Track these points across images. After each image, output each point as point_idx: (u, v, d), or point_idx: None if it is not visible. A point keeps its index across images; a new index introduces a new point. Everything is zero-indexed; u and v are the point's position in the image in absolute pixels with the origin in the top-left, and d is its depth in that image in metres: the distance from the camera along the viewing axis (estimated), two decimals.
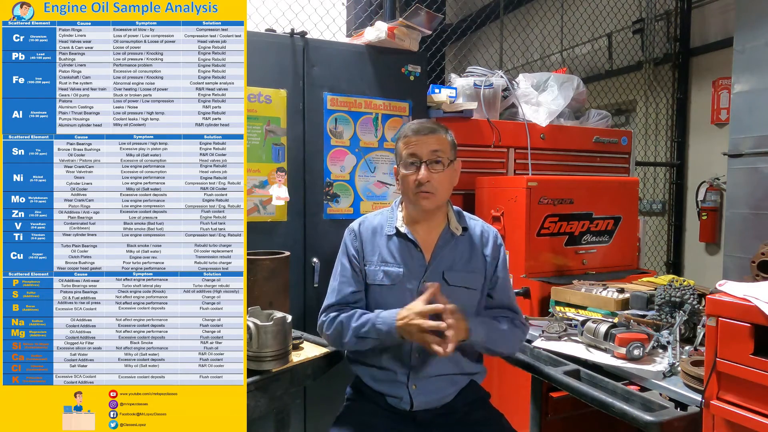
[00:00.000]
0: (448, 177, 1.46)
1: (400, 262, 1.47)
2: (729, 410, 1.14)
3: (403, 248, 1.48)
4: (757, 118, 2.95)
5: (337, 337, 1.46)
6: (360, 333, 1.41)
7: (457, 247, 1.50)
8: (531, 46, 5.04)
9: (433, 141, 1.44)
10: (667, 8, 4.60)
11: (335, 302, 1.49)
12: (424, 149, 1.43)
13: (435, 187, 1.42)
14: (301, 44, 2.30)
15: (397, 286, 1.45)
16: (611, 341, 1.52)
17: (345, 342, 1.45)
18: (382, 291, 1.47)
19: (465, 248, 1.51)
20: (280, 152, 2.27)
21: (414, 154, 1.43)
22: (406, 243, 1.48)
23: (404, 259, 1.47)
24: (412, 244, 1.48)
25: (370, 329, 1.39)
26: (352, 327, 1.42)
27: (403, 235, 1.48)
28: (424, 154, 1.42)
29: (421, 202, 1.43)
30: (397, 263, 1.47)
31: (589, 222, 2.55)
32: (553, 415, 1.86)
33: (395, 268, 1.47)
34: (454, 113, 2.71)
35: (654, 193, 4.78)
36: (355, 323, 1.42)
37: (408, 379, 1.44)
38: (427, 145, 1.43)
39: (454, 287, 1.46)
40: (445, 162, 1.44)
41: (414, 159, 1.43)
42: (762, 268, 1.77)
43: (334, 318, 1.46)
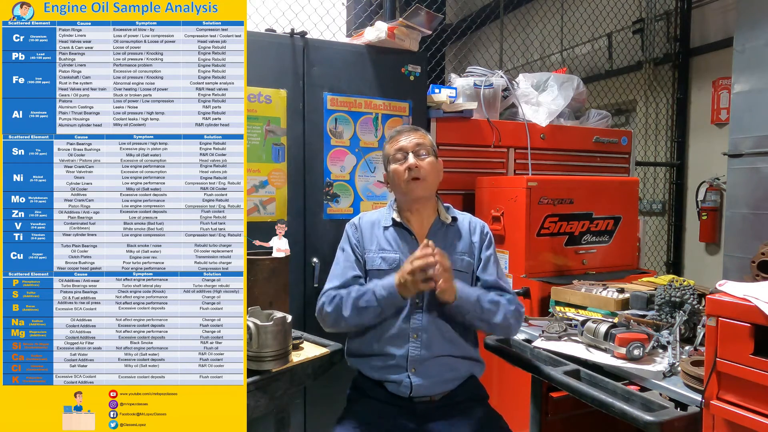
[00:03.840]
0: (434, 167, 1.58)
1: (396, 249, 1.57)
2: (729, 410, 1.14)
3: (398, 236, 1.59)
4: (757, 118, 2.95)
5: (337, 313, 1.50)
6: (360, 303, 1.47)
7: (448, 235, 1.61)
8: (531, 46, 5.04)
9: (416, 136, 1.59)
10: (667, 8, 4.60)
11: (338, 285, 1.55)
12: (409, 143, 1.57)
13: (424, 174, 1.54)
14: (301, 44, 2.30)
15: (394, 269, 1.51)
16: (611, 341, 1.52)
17: (345, 316, 1.49)
18: (380, 275, 1.53)
19: (455, 235, 1.61)
20: (280, 152, 2.27)
21: (401, 149, 1.57)
22: (402, 231, 1.59)
23: (400, 245, 1.58)
24: (407, 232, 1.59)
25: (371, 297, 1.46)
26: (353, 298, 1.48)
27: (398, 224, 1.59)
28: (410, 147, 1.57)
29: (413, 187, 1.54)
30: (394, 250, 1.57)
31: (589, 222, 2.55)
32: (553, 415, 1.86)
33: (392, 254, 1.56)
34: (454, 113, 2.71)
35: (654, 193, 4.78)
36: (354, 294, 1.49)
37: (407, 362, 1.48)
38: (411, 140, 1.58)
39: None
40: (429, 153, 1.57)
41: (402, 152, 1.57)
42: (762, 268, 1.77)
43: (334, 296, 1.52)
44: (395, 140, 1.60)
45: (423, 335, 1.49)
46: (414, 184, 1.54)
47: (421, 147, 1.57)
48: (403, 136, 1.59)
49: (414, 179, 1.54)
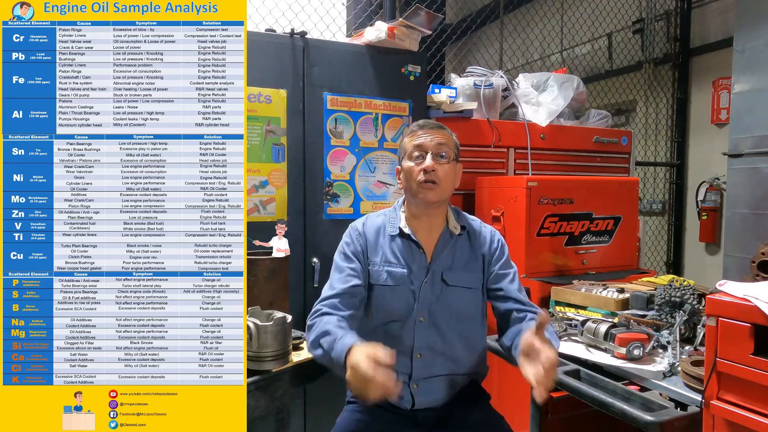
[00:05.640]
0: (453, 172, 1.45)
1: (404, 263, 1.45)
2: (729, 410, 1.14)
3: (405, 249, 1.47)
4: (757, 118, 2.95)
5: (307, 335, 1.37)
6: (321, 341, 1.27)
7: (456, 247, 1.49)
8: (531, 46, 5.03)
9: (440, 135, 1.44)
10: (667, 8, 4.60)
11: (339, 292, 1.40)
12: (430, 142, 1.42)
13: (440, 178, 1.40)
14: (301, 44, 2.30)
15: (400, 287, 1.44)
16: (611, 341, 1.52)
17: (308, 342, 1.36)
18: (385, 291, 1.45)
19: (464, 248, 1.49)
20: (280, 152, 2.27)
21: (420, 146, 1.42)
22: (409, 244, 1.47)
23: (407, 260, 1.46)
24: (414, 245, 1.47)
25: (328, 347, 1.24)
26: (319, 331, 1.29)
27: (406, 235, 1.47)
28: (430, 146, 1.42)
29: (425, 192, 1.40)
30: (401, 264, 1.45)
31: (589, 222, 2.55)
32: (553, 415, 1.86)
33: (399, 269, 1.45)
34: (454, 113, 2.71)
35: (654, 193, 4.78)
36: (323, 328, 1.29)
37: (410, 379, 1.44)
38: (433, 139, 1.43)
39: (453, 287, 1.46)
40: (450, 156, 1.43)
41: (420, 151, 1.42)
42: (762, 268, 1.77)
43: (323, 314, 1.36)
44: (415, 135, 1.44)
45: (427, 354, 1.43)
46: (427, 187, 1.40)
47: (442, 148, 1.42)
48: (425, 132, 1.44)
49: (428, 182, 1.40)
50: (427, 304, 1.44)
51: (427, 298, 1.44)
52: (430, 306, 1.44)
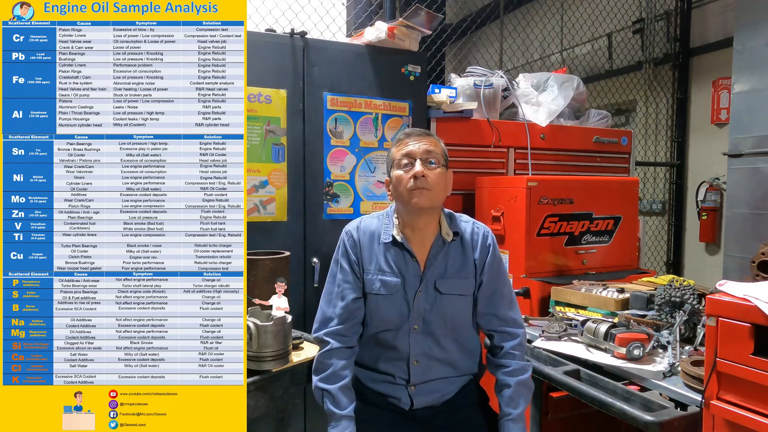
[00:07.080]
0: (443, 178, 1.42)
1: (397, 272, 1.44)
2: (729, 410, 1.14)
3: (399, 258, 1.45)
4: (757, 118, 2.95)
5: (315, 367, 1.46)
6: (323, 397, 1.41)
7: (449, 255, 1.47)
8: (531, 46, 5.03)
9: (427, 142, 1.42)
10: (667, 8, 4.60)
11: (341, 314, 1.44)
12: (418, 149, 1.41)
13: (430, 184, 1.38)
14: (301, 44, 2.30)
15: (393, 296, 1.43)
16: (611, 341, 1.53)
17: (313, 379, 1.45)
18: (378, 300, 1.44)
19: (457, 254, 1.47)
20: (280, 152, 2.27)
21: (408, 153, 1.40)
22: (402, 252, 1.45)
23: (400, 268, 1.44)
24: (408, 254, 1.45)
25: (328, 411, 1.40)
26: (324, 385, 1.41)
27: (399, 244, 1.45)
28: (418, 153, 1.40)
29: (416, 198, 1.38)
30: (394, 273, 1.44)
31: (589, 222, 2.55)
32: (553, 415, 1.86)
33: (392, 278, 1.44)
34: (454, 113, 2.71)
35: (654, 193, 4.78)
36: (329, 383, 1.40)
37: (408, 382, 1.45)
38: (420, 146, 1.41)
39: (446, 295, 1.45)
40: (439, 162, 1.42)
41: (409, 158, 1.40)
42: (762, 268, 1.77)
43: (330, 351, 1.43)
44: (403, 143, 1.43)
45: (423, 360, 1.44)
46: (417, 194, 1.37)
47: (430, 155, 1.40)
48: (412, 140, 1.42)
49: (418, 189, 1.37)
50: (421, 312, 1.44)
51: (421, 307, 1.44)
52: (424, 314, 1.44)
